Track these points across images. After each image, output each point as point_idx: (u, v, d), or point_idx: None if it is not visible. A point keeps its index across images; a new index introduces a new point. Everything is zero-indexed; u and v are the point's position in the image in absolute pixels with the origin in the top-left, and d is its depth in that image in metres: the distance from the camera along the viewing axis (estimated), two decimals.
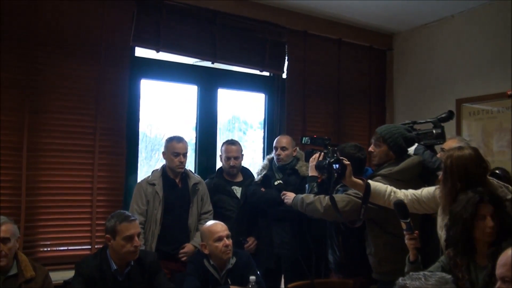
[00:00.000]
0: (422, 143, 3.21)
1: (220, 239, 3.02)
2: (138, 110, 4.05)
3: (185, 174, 3.66)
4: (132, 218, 2.87)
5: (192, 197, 3.61)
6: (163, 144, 3.69)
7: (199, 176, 3.80)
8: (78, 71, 3.68)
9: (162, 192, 3.52)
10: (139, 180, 3.71)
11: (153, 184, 3.53)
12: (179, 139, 3.62)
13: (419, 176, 3.03)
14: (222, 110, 4.62)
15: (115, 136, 3.79)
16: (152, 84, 4.30)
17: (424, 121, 3.38)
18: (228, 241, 3.02)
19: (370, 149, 3.13)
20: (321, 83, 4.91)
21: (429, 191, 2.61)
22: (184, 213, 3.58)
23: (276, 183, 3.65)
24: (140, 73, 4.07)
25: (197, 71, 4.49)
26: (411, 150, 3.13)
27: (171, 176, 3.61)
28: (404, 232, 2.41)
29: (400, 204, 2.43)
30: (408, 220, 2.39)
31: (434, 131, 3.27)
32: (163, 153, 3.65)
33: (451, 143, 3.39)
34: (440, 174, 3.02)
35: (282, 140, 3.83)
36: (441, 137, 3.27)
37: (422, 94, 5.02)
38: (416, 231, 2.41)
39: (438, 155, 3.15)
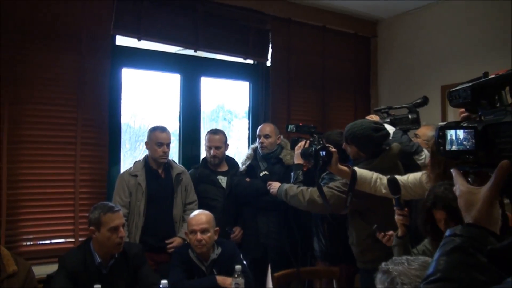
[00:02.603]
0: (397, 128, 3.22)
1: (193, 232, 3.01)
2: (120, 100, 4.00)
3: (168, 165, 3.62)
4: (116, 208, 2.86)
5: (176, 188, 3.58)
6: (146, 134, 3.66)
7: (182, 166, 3.78)
8: (58, 61, 3.60)
9: (145, 183, 3.48)
10: (122, 171, 3.67)
11: (136, 176, 3.49)
12: (162, 129, 3.58)
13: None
14: (206, 99, 4.59)
15: (97, 127, 3.73)
16: (134, 73, 4.25)
17: (399, 106, 3.41)
18: (201, 236, 2.97)
19: (343, 146, 3.07)
20: (306, 71, 4.89)
21: (416, 177, 2.61)
22: (168, 204, 3.55)
23: (261, 174, 3.65)
24: (121, 62, 4.00)
25: (179, 59, 4.43)
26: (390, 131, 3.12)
27: (153, 166, 3.57)
28: (394, 208, 2.44)
29: (392, 180, 2.48)
30: (396, 196, 2.43)
31: (409, 117, 3.30)
32: (146, 143, 3.61)
33: (425, 130, 3.44)
34: (417, 157, 3.05)
35: (266, 128, 3.83)
36: (416, 123, 3.31)
37: (406, 81, 5.02)
38: (406, 208, 2.43)
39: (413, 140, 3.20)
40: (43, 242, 3.54)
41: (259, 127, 3.88)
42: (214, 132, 3.87)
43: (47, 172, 3.54)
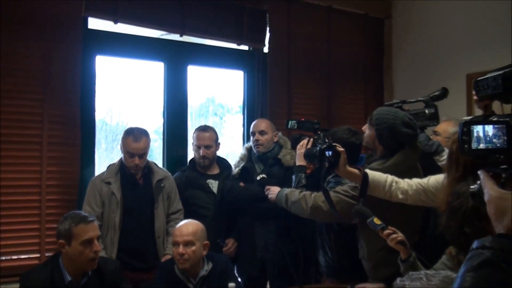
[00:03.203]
0: None
1: (176, 244, 3.00)
2: (94, 93, 3.99)
3: (148, 169, 3.58)
4: (90, 219, 2.85)
5: (157, 197, 3.55)
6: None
7: (165, 170, 3.78)
8: (21, 48, 3.58)
9: (120, 193, 3.45)
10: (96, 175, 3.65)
11: (109, 183, 3.46)
12: (136, 137, 3.48)
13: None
14: (194, 91, 4.60)
15: (67, 124, 3.73)
16: (110, 62, 4.26)
17: (414, 100, 3.39)
18: (183, 249, 2.96)
19: (363, 128, 3.10)
20: (309, 58, 4.90)
21: (437, 180, 2.59)
22: (148, 216, 3.53)
23: (258, 177, 3.62)
24: (95, 48, 3.99)
25: (163, 45, 4.43)
26: None
27: (130, 172, 3.53)
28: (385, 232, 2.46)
29: (357, 210, 2.60)
30: (368, 220, 2.49)
31: (426, 111, 3.29)
32: (120, 146, 3.56)
33: (446, 126, 3.43)
34: (438, 158, 3.03)
35: (261, 123, 3.85)
36: (435, 118, 3.30)
37: (426, 69, 5.02)
38: (390, 226, 2.44)
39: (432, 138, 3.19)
40: (3, 258, 3.50)
41: (253, 123, 3.89)
42: (203, 129, 3.87)
43: (8, 177, 3.51)
